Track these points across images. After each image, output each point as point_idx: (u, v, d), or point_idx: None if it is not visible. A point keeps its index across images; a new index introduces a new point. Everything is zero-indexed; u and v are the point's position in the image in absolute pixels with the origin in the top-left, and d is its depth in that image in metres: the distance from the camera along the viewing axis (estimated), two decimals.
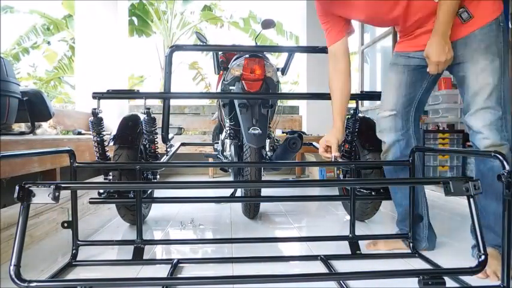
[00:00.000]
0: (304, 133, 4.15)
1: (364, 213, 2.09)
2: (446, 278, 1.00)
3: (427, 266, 1.45)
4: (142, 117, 1.90)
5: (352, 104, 1.88)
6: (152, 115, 1.83)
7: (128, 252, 1.52)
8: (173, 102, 4.72)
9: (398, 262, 1.50)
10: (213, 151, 3.21)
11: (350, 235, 1.61)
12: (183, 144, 2.95)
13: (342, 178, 2.21)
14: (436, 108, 3.57)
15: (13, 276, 0.92)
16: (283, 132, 3.79)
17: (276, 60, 7.41)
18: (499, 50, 1.40)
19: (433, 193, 3.14)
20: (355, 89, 5.96)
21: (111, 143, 1.84)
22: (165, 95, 1.95)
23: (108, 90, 1.74)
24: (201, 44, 2.37)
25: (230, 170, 2.41)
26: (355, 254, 1.57)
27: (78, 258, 1.48)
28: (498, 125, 1.38)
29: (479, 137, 1.40)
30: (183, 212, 2.37)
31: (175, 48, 1.98)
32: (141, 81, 10.08)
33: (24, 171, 1.91)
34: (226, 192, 2.54)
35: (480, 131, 1.39)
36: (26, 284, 0.93)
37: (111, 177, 1.81)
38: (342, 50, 1.63)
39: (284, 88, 10.01)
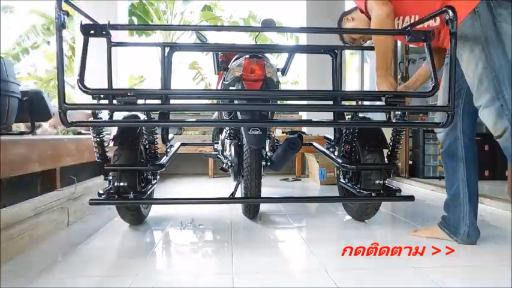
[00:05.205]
0: (304, 133, 4.15)
1: (364, 213, 2.09)
2: None
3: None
4: (142, 117, 1.90)
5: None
6: (152, 115, 1.83)
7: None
8: (173, 102, 4.72)
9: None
10: (213, 151, 3.21)
11: None
12: (183, 144, 2.95)
13: (341, 178, 2.21)
14: None
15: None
16: (283, 132, 3.79)
17: (276, 60, 7.41)
18: (477, 37, 1.45)
19: (432, 193, 3.14)
20: (355, 89, 5.97)
21: (111, 144, 1.84)
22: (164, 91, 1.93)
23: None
24: (201, 43, 2.37)
25: (230, 170, 2.41)
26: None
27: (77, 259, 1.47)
28: (497, 109, 1.43)
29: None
30: (183, 212, 2.37)
31: (175, 48, 1.98)
32: (141, 81, 10.08)
33: (24, 171, 1.91)
34: (226, 192, 2.53)
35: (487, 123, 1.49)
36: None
37: (111, 178, 1.81)
38: None
39: (284, 88, 9.98)
